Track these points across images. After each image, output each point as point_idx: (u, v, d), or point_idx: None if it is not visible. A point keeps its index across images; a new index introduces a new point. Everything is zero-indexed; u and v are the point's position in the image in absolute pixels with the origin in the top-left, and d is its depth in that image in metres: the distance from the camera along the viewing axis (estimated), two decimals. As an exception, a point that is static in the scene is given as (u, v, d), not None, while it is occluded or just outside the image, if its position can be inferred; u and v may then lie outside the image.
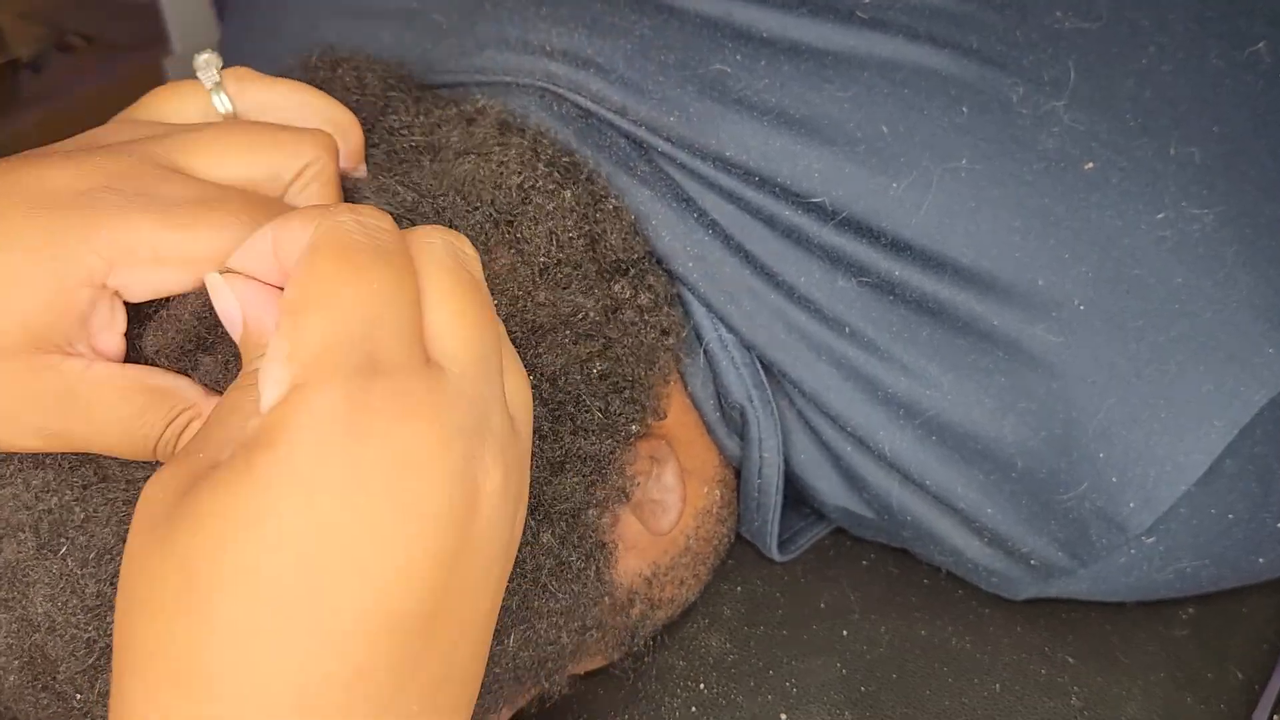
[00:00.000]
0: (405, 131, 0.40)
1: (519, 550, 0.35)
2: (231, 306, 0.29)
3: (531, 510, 0.38)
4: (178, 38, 0.80)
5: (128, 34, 0.82)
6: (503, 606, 0.36)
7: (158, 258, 0.31)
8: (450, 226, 0.37)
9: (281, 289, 0.29)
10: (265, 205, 0.33)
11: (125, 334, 0.33)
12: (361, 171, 0.38)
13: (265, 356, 0.25)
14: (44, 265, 0.30)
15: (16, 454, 0.34)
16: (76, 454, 0.34)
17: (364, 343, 0.25)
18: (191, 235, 0.31)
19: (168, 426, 0.32)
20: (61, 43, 0.82)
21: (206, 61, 0.38)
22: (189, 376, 0.34)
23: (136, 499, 0.28)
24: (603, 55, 0.44)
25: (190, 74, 0.38)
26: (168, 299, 0.34)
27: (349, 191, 0.37)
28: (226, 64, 0.38)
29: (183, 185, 0.33)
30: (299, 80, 0.40)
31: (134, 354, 0.34)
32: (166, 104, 0.37)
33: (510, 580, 0.36)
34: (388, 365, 0.25)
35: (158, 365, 0.34)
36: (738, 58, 0.42)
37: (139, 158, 0.33)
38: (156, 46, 0.80)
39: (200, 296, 0.33)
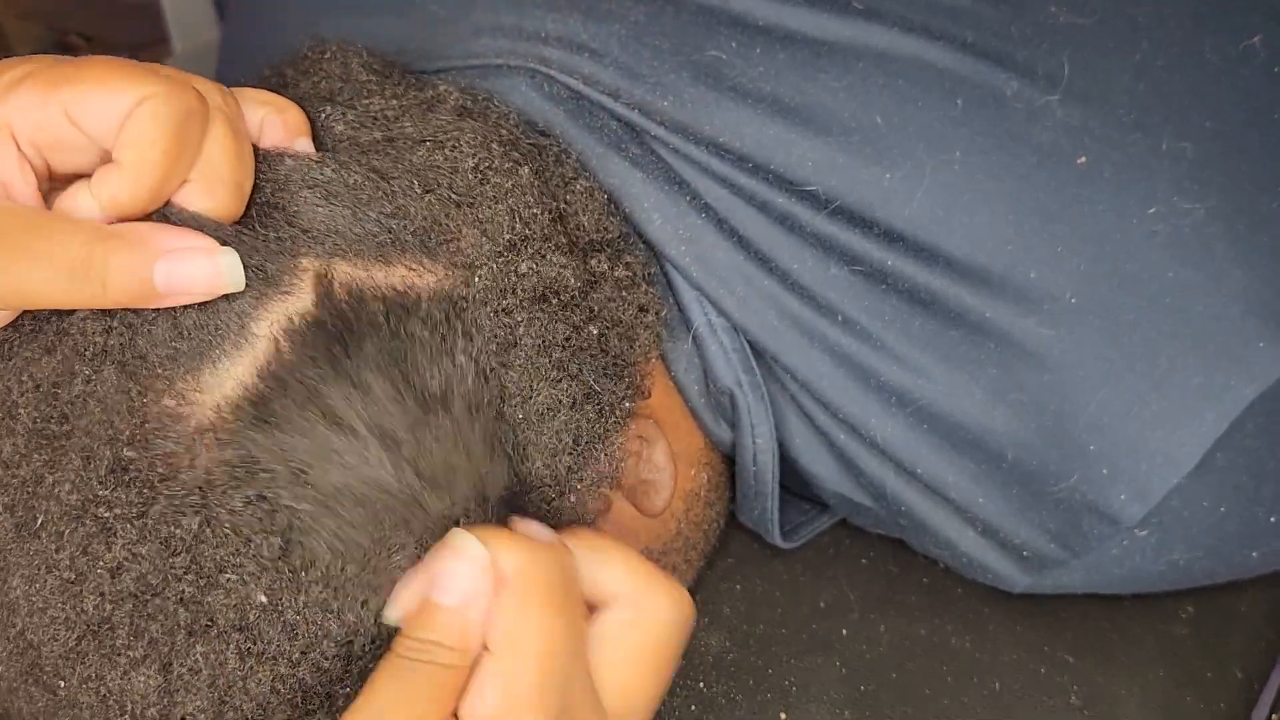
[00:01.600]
0: (370, 125, 0.40)
1: None
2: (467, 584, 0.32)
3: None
4: (178, 38, 0.80)
5: (128, 34, 0.83)
6: None
7: (62, 84, 0.32)
8: (401, 208, 0.37)
9: None
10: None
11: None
12: (304, 146, 0.38)
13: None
14: None
15: None
16: (42, 413, 0.34)
17: (561, 691, 0.31)
18: (97, 75, 0.32)
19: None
20: (62, 42, 0.82)
21: None
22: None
23: (94, 454, 0.33)
24: (597, 40, 0.44)
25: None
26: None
27: (292, 167, 0.38)
28: (226, 62, 0.39)
29: None
30: (289, 68, 0.42)
31: None
32: None
33: None
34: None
35: None
36: (733, 45, 0.42)
37: None
38: (157, 46, 0.80)
39: None
